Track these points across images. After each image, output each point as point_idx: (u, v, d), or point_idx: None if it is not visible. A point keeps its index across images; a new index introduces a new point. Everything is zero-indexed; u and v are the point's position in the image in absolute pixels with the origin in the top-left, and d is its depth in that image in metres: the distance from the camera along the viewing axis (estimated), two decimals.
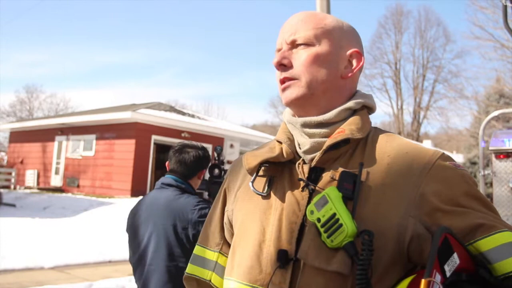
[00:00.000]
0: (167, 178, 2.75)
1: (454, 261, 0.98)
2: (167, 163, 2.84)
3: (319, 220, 1.04)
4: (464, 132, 34.30)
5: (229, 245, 1.33)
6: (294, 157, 1.21)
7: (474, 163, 25.97)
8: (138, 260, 2.63)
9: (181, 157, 2.76)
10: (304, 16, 1.23)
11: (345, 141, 1.15)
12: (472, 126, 30.43)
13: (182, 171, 2.75)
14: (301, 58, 1.19)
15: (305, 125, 1.21)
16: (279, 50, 1.24)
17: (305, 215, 1.10)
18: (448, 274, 0.96)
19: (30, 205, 17.22)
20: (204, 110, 53.26)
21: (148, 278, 2.54)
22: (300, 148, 1.21)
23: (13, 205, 17.05)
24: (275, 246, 1.11)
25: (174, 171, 2.77)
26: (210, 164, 2.94)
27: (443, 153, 1.15)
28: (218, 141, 21.05)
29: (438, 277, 0.92)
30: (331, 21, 1.23)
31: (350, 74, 1.23)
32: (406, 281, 1.01)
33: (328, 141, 1.14)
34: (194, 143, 2.86)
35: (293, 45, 1.21)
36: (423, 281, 0.90)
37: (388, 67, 39.26)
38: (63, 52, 79.49)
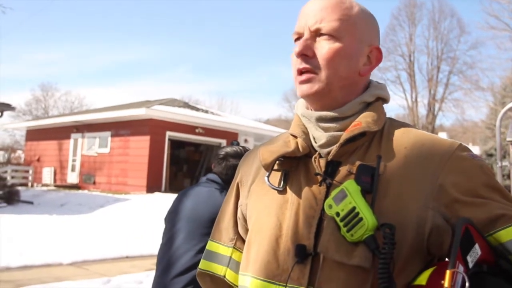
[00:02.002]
0: (213, 175, 2.83)
1: (476, 252, 0.97)
2: (212, 165, 2.90)
3: (338, 214, 1.03)
4: (480, 124, 33.91)
5: (243, 240, 1.31)
6: (310, 151, 1.19)
7: (490, 155, 25.71)
8: (166, 241, 2.70)
9: (221, 167, 2.80)
10: (331, 2, 1.17)
11: (361, 134, 1.13)
12: (488, 118, 30.07)
13: (223, 179, 2.80)
14: (323, 50, 1.14)
15: (320, 120, 1.18)
16: (299, 34, 1.19)
17: (322, 209, 1.09)
18: (470, 265, 0.95)
19: (47, 202, 17.42)
20: (218, 106, 53.46)
21: (175, 260, 2.59)
22: (315, 142, 1.19)
23: (31, 203, 17.28)
24: (292, 240, 1.10)
25: (217, 174, 2.84)
26: None
27: (461, 144, 1.13)
28: (232, 136, 21.07)
29: (461, 268, 0.92)
30: (357, 11, 1.18)
31: (368, 72, 1.21)
32: (427, 273, 1.00)
33: (345, 135, 1.12)
34: (238, 149, 2.84)
35: (316, 33, 1.16)
36: (448, 272, 0.89)
37: (402, 60, 38.78)
38: (76, 50, 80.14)
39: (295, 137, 1.22)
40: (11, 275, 6.94)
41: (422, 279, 1.00)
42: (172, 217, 2.78)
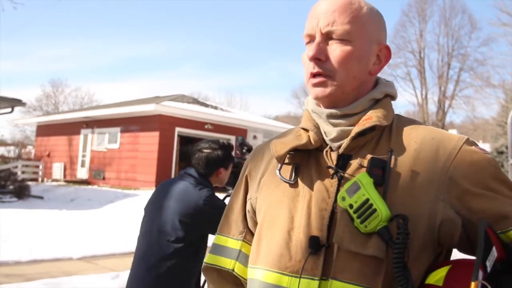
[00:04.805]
0: (190, 169, 2.90)
1: (493, 255, 0.99)
2: None
3: (351, 206, 1.05)
4: (491, 121, 33.68)
5: (252, 234, 1.32)
6: (321, 144, 1.21)
7: (501, 153, 25.52)
8: (142, 234, 2.80)
9: (196, 157, 2.89)
10: (341, 4, 1.18)
11: (372, 128, 1.15)
12: (499, 115, 29.87)
13: (197, 170, 2.87)
14: (336, 53, 1.16)
15: (330, 116, 1.21)
16: (310, 36, 1.20)
17: (335, 201, 1.11)
18: (489, 269, 0.97)
19: (57, 197, 17.54)
20: (227, 102, 53.46)
21: (151, 252, 2.68)
22: (326, 136, 1.21)
23: (41, 197, 17.40)
24: (305, 233, 1.11)
25: (193, 167, 2.91)
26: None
27: (468, 138, 1.16)
28: (241, 133, 21.07)
29: (481, 274, 0.93)
30: (365, 11, 1.19)
31: (378, 71, 1.23)
32: (442, 272, 1.03)
33: (356, 128, 1.15)
34: (213, 142, 2.94)
35: (328, 36, 1.17)
36: (472, 284, 0.91)
37: (412, 56, 38.57)
38: (86, 46, 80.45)
39: (306, 130, 1.24)
40: (20, 269, 6.99)
41: (437, 279, 1.02)
42: (147, 211, 2.88)
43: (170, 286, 2.61)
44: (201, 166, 2.85)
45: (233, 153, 3.04)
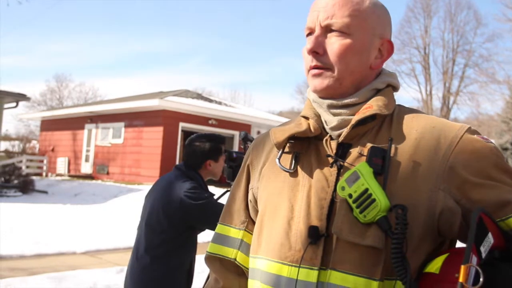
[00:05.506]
0: (181, 163, 2.98)
1: (489, 241, 0.98)
2: None
3: (350, 196, 1.05)
4: (495, 118, 33.53)
5: (254, 223, 1.32)
6: (321, 132, 1.20)
7: (505, 149, 25.45)
8: (139, 223, 2.87)
9: (186, 150, 2.96)
10: None
11: (372, 117, 1.15)
12: (504, 111, 29.72)
13: (187, 162, 2.94)
14: (334, 47, 1.16)
15: (331, 106, 1.20)
16: (311, 29, 1.20)
17: (334, 191, 1.11)
18: (483, 255, 0.96)
19: (61, 192, 17.59)
20: (231, 97, 53.37)
21: (140, 243, 2.77)
22: (326, 124, 1.21)
23: (45, 192, 17.46)
24: (304, 222, 1.11)
25: (184, 160, 2.99)
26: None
27: (470, 127, 1.15)
28: (245, 128, 21.06)
29: (474, 260, 0.92)
30: (367, 5, 1.19)
31: (379, 65, 1.22)
32: (439, 261, 1.01)
33: (356, 116, 1.14)
34: (203, 135, 3.00)
35: (327, 29, 1.17)
36: (462, 268, 0.89)
37: (417, 52, 38.44)
38: (91, 42, 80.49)
39: (307, 118, 1.24)
40: (25, 263, 7.03)
41: (436, 268, 1.01)
42: (144, 203, 2.94)
43: (154, 276, 2.67)
44: (189, 159, 2.92)
45: (236, 148, 3.06)
